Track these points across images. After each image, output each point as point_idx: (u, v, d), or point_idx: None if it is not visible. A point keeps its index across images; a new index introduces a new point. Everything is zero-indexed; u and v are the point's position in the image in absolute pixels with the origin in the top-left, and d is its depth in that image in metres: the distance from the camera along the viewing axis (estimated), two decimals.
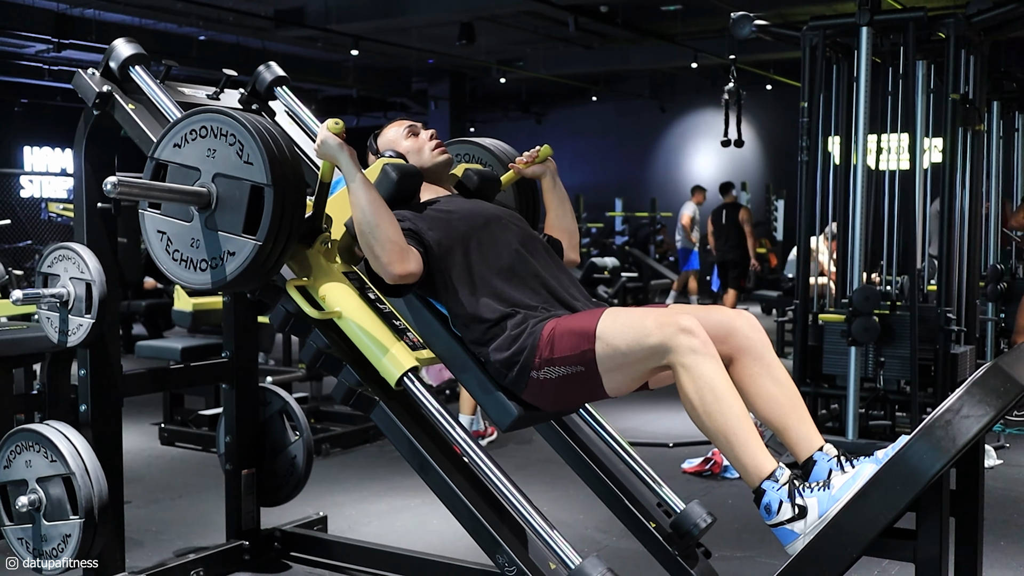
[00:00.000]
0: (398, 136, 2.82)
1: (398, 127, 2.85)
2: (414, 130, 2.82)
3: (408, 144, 2.79)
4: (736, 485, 4.63)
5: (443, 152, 2.80)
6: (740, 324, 2.36)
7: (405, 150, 2.78)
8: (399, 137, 2.82)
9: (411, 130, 2.82)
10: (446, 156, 2.80)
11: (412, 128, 2.82)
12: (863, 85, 4.96)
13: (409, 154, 2.78)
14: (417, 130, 2.82)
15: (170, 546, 3.72)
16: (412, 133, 2.81)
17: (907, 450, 1.83)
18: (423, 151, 2.78)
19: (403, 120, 2.88)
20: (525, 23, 13.35)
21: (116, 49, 2.94)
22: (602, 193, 17.36)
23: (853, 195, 5.06)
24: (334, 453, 5.31)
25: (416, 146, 2.79)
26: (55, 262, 2.95)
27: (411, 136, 2.81)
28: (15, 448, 2.91)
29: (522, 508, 2.34)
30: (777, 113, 16.20)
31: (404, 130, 2.82)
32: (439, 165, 2.79)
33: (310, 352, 2.52)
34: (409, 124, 2.84)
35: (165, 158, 2.49)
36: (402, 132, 2.82)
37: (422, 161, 2.77)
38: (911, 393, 4.94)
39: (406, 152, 2.78)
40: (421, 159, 2.77)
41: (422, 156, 2.78)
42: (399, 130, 2.83)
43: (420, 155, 2.78)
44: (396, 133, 2.84)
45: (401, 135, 2.82)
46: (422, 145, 2.79)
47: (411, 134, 2.81)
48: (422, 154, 2.78)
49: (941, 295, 5.15)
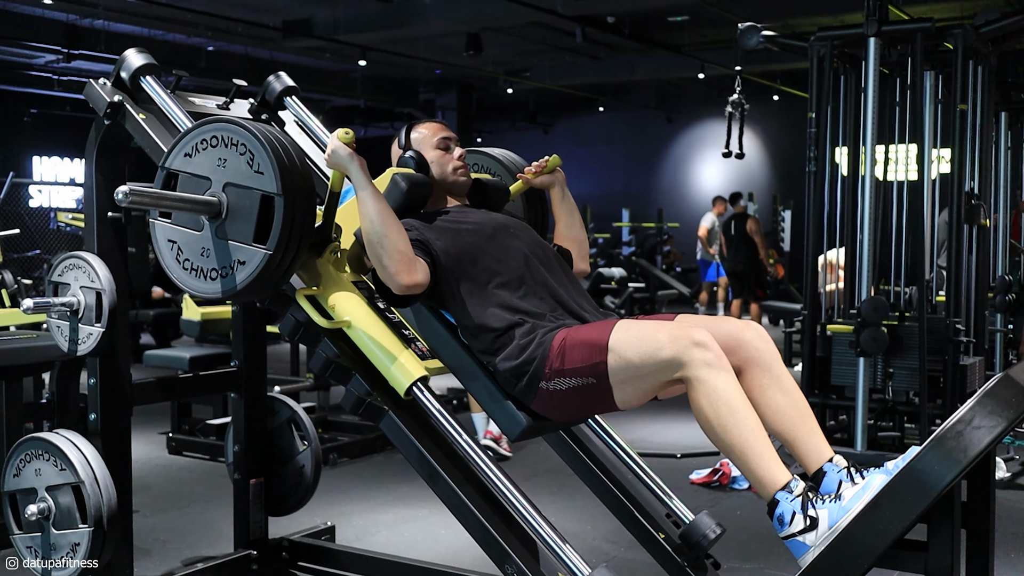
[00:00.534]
0: (428, 141, 2.76)
1: (433, 134, 2.77)
2: (447, 144, 2.76)
3: (434, 155, 2.74)
4: (744, 496, 4.62)
5: (464, 174, 2.76)
6: (749, 335, 2.35)
7: (430, 159, 2.74)
8: (429, 142, 2.75)
9: (444, 142, 2.75)
10: (466, 180, 2.77)
11: (446, 141, 2.76)
12: (871, 96, 4.96)
13: (432, 163, 2.74)
14: (449, 144, 2.76)
15: (178, 555, 3.72)
16: (443, 147, 2.75)
17: (918, 461, 1.83)
18: (446, 166, 2.74)
19: (442, 127, 2.81)
20: (532, 34, 13.38)
21: (127, 59, 2.95)
22: (609, 203, 17.37)
23: (861, 206, 5.06)
24: (342, 463, 5.30)
25: (442, 160, 2.74)
26: (65, 271, 2.96)
27: (440, 148, 2.75)
28: (25, 456, 2.91)
29: (531, 518, 2.33)
30: (784, 123, 16.21)
31: (437, 139, 2.75)
32: (456, 186, 2.76)
33: (319, 361, 2.53)
34: (444, 136, 2.77)
35: (176, 167, 2.50)
36: (434, 140, 2.75)
37: (441, 175, 2.74)
38: (920, 404, 4.92)
39: (430, 161, 2.74)
40: (442, 172, 2.74)
41: (443, 170, 2.74)
42: (433, 138, 2.76)
43: (442, 168, 2.74)
44: (427, 138, 2.77)
45: (432, 142, 2.75)
46: (447, 161, 2.74)
47: (442, 147, 2.75)
48: (444, 168, 2.74)
49: (950, 306, 5.14)
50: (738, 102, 5.53)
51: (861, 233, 5.02)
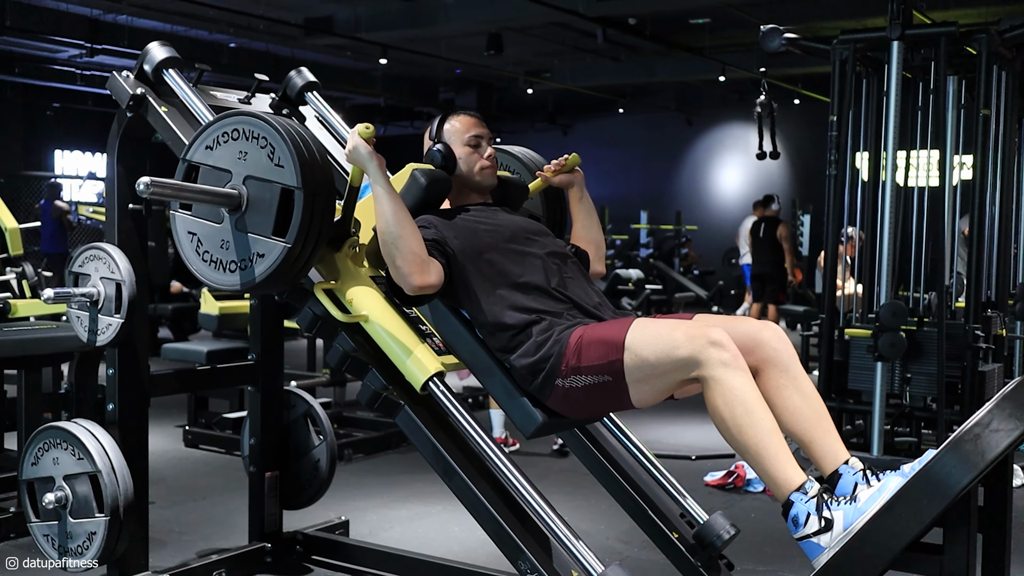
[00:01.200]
0: (460, 136, 2.74)
1: (465, 129, 2.75)
2: (478, 141, 2.74)
3: (464, 151, 2.73)
4: (759, 499, 4.61)
5: (490, 175, 2.76)
6: (767, 335, 2.35)
7: (458, 154, 2.73)
8: (460, 138, 2.74)
9: (476, 140, 2.74)
10: (492, 180, 2.77)
11: (477, 139, 2.74)
12: (893, 100, 4.93)
13: (460, 159, 2.73)
14: (480, 142, 2.74)
15: (193, 547, 3.74)
16: (474, 144, 2.74)
17: (935, 463, 1.82)
18: (473, 164, 2.73)
19: (476, 123, 2.78)
20: (553, 34, 13.37)
21: (150, 52, 2.97)
22: (627, 205, 17.34)
23: (881, 212, 5.03)
24: (357, 459, 5.32)
25: (470, 157, 2.73)
26: (86, 262, 2.98)
27: (471, 145, 2.74)
28: (43, 445, 2.93)
29: (545, 515, 2.34)
30: (805, 128, 16.13)
31: (469, 136, 2.74)
32: (480, 186, 2.76)
33: (336, 355, 2.54)
34: (477, 133, 2.75)
35: (197, 160, 2.51)
36: (465, 137, 2.74)
37: (468, 172, 2.73)
38: (937, 410, 4.89)
39: (458, 156, 2.73)
40: (468, 169, 2.73)
41: (470, 168, 2.73)
42: (465, 133, 2.74)
43: (469, 166, 2.73)
44: (460, 132, 2.75)
45: (463, 138, 2.74)
46: (475, 160, 2.73)
47: (472, 144, 2.74)
48: (471, 166, 2.73)
49: (969, 312, 5.11)
50: (766, 103, 5.50)
51: (881, 238, 5.00)
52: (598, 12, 11.36)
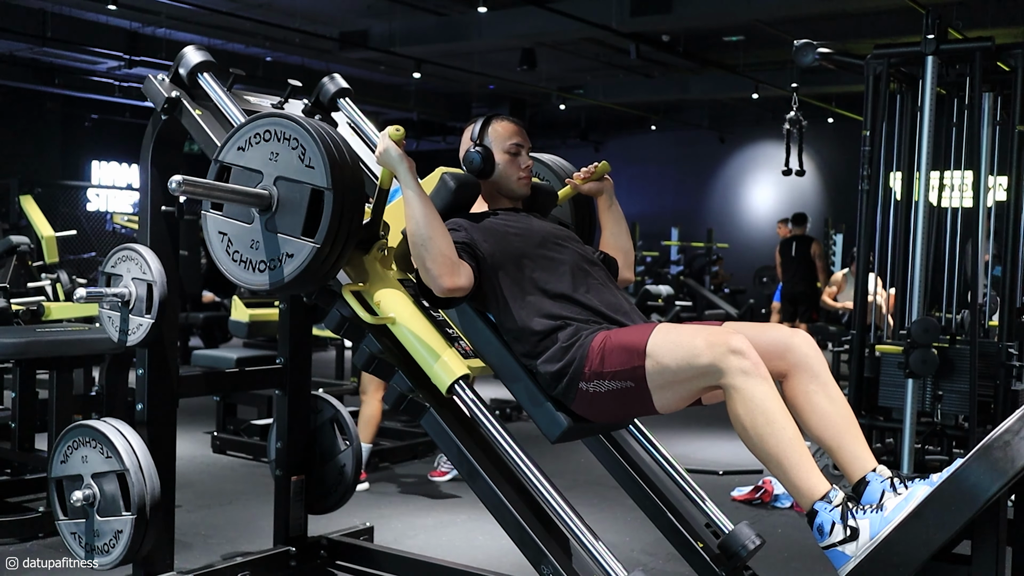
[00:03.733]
0: (501, 142, 2.74)
1: (508, 136, 2.75)
2: (518, 149, 2.75)
3: (503, 157, 2.73)
4: (786, 515, 4.57)
5: (526, 184, 2.77)
6: (797, 341, 2.34)
7: (497, 159, 2.73)
8: (501, 144, 2.74)
9: (516, 148, 2.75)
10: (526, 190, 2.78)
11: (518, 147, 2.75)
12: (927, 116, 4.89)
13: (499, 164, 2.73)
14: (520, 151, 2.75)
15: (218, 550, 3.75)
16: (514, 151, 2.74)
17: (963, 470, 1.79)
18: (511, 172, 2.74)
19: (518, 130, 2.78)
20: (586, 50, 13.40)
21: (186, 56, 3.01)
22: (659, 222, 17.30)
23: (914, 231, 4.99)
24: (383, 467, 5.32)
25: (509, 164, 2.74)
26: (118, 262, 3.00)
27: (511, 152, 2.74)
28: (72, 444, 2.95)
29: (569, 521, 2.33)
30: (838, 146, 16.05)
31: (510, 144, 2.74)
32: (514, 193, 2.77)
33: (363, 356, 2.54)
34: (517, 141, 2.75)
35: (229, 161, 2.53)
36: (506, 144, 2.74)
37: (505, 180, 2.74)
38: (969, 429, 4.83)
39: (497, 162, 2.73)
40: (505, 176, 2.74)
41: (508, 175, 2.74)
42: (507, 141, 2.74)
43: (506, 173, 2.74)
44: (501, 138, 2.75)
45: (504, 145, 2.74)
46: (514, 168, 2.74)
47: (512, 151, 2.74)
48: (508, 174, 2.74)
49: (1003, 330, 5.05)
50: (795, 119, 5.47)
51: (913, 258, 4.95)
52: (631, 28, 11.38)
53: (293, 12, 11.44)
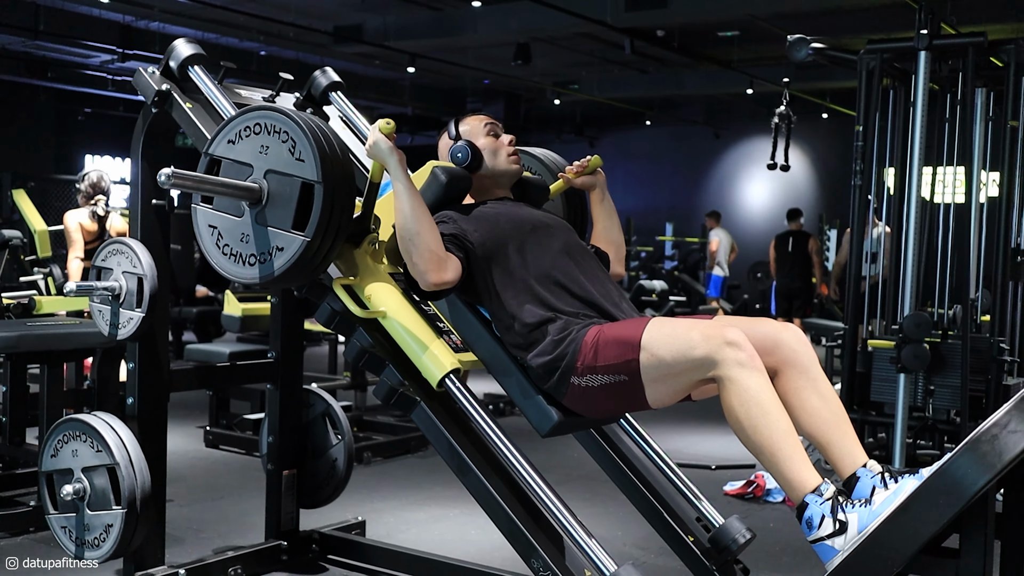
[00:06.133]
0: (478, 129, 2.76)
1: (479, 121, 2.79)
2: (495, 130, 2.77)
3: (486, 141, 2.74)
4: (778, 509, 4.57)
5: (516, 162, 2.77)
6: (787, 337, 2.33)
7: (482, 146, 2.73)
8: (479, 131, 2.76)
9: (492, 128, 2.77)
10: (518, 167, 2.77)
11: (493, 127, 2.77)
12: (919, 111, 4.89)
13: (485, 150, 2.73)
14: (498, 131, 2.77)
15: (210, 544, 3.75)
16: (492, 132, 2.76)
17: (951, 464, 1.80)
18: (499, 153, 2.74)
19: (488, 116, 2.82)
20: (581, 45, 13.39)
21: (176, 49, 3.00)
22: (653, 217, 17.31)
23: (906, 226, 4.99)
24: (375, 462, 5.32)
25: (494, 146, 2.74)
26: (109, 256, 3.00)
27: (491, 135, 2.76)
28: (63, 437, 2.95)
29: (559, 514, 2.33)
30: (832, 142, 16.07)
31: (485, 126, 2.76)
32: (509, 173, 2.76)
33: (354, 350, 2.54)
34: (491, 122, 2.78)
35: (219, 154, 2.53)
36: (483, 128, 2.76)
37: (495, 162, 2.74)
38: (961, 424, 4.84)
39: (482, 148, 2.73)
40: (495, 160, 2.74)
41: (497, 157, 2.74)
42: (480, 125, 2.77)
43: (495, 156, 2.74)
44: (476, 127, 2.77)
45: (482, 130, 2.76)
46: (499, 147, 2.74)
47: (492, 133, 2.76)
48: (497, 155, 2.74)
49: (995, 325, 5.06)
50: (785, 114, 5.46)
51: (905, 253, 4.95)
52: (626, 23, 11.37)
53: (287, 6, 11.42)
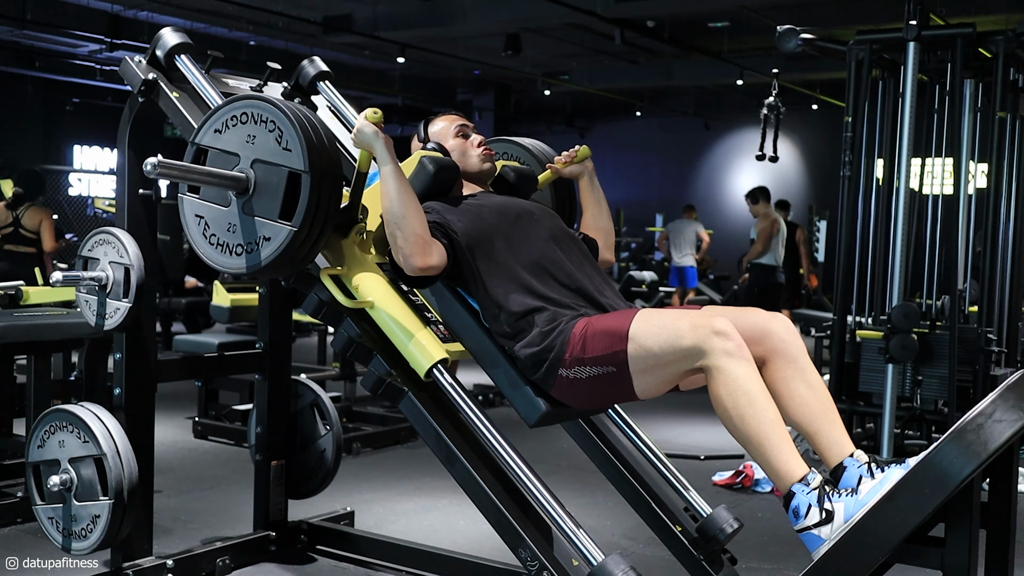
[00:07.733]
0: (447, 131, 2.77)
1: (449, 123, 2.79)
2: (465, 131, 2.77)
3: (455, 143, 2.75)
4: (766, 499, 4.59)
5: (489, 160, 2.77)
6: (775, 327, 2.33)
7: (451, 147, 2.74)
8: (448, 133, 2.77)
9: (461, 130, 2.77)
10: (490, 165, 2.77)
11: (463, 128, 2.77)
12: (908, 102, 4.90)
13: (454, 152, 2.74)
14: (468, 131, 2.77)
15: (198, 535, 3.74)
16: (462, 134, 2.77)
17: (936, 453, 1.80)
18: (469, 153, 2.75)
19: (456, 116, 2.83)
20: (571, 36, 13.36)
21: (163, 38, 2.99)
22: (643, 208, 17.31)
23: (895, 217, 5.00)
24: (365, 453, 5.32)
25: (463, 147, 2.75)
26: (95, 246, 2.99)
27: (460, 136, 2.76)
28: (49, 428, 2.94)
29: (547, 504, 2.33)
30: (822, 133, 16.08)
31: (455, 128, 2.77)
32: (482, 172, 2.76)
33: (341, 341, 2.54)
34: (461, 123, 2.79)
35: (206, 143, 2.52)
36: (452, 129, 2.77)
37: (466, 163, 2.74)
38: (948, 414, 4.87)
39: (451, 150, 2.74)
40: (466, 161, 2.74)
41: (467, 158, 2.74)
42: (449, 126, 2.78)
43: (465, 157, 2.74)
44: (445, 128, 2.78)
45: (450, 132, 2.77)
46: (468, 148, 2.75)
47: (460, 134, 2.77)
48: (467, 156, 2.75)
49: (982, 316, 5.08)
50: (774, 105, 5.47)
51: (894, 244, 4.97)
52: (616, 14, 11.35)
53: None
